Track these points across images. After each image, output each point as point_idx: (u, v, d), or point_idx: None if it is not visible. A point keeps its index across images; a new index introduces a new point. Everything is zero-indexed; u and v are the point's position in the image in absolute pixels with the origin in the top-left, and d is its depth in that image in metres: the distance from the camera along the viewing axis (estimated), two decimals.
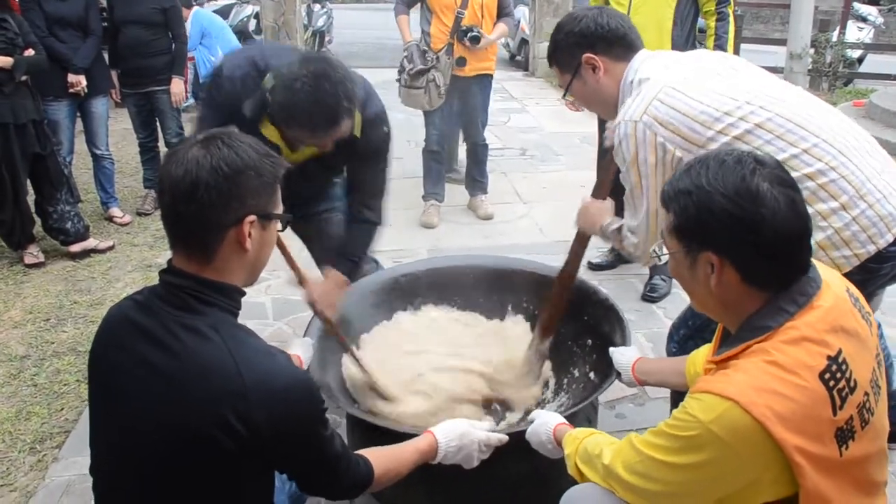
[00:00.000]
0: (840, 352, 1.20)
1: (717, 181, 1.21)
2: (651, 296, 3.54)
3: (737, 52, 8.92)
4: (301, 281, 2.17)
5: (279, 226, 1.33)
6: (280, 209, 1.31)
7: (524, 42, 10.35)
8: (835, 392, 1.17)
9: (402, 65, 4.27)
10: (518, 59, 10.79)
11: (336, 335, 2.21)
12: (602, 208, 2.12)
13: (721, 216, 1.20)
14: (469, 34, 4.11)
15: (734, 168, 1.21)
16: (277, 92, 1.91)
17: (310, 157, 2.23)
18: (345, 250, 2.38)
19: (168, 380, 1.18)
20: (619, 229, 2.03)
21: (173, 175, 1.19)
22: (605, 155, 2.18)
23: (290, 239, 2.69)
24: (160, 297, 1.25)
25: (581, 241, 2.20)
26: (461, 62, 4.20)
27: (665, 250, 1.34)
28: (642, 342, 3.11)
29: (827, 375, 1.17)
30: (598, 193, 2.17)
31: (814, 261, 1.30)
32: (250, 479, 1.26)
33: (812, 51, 8.48)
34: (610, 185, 2.16)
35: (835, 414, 1.17)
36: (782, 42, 8.93)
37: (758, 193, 1.18)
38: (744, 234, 1.19)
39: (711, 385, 1.19)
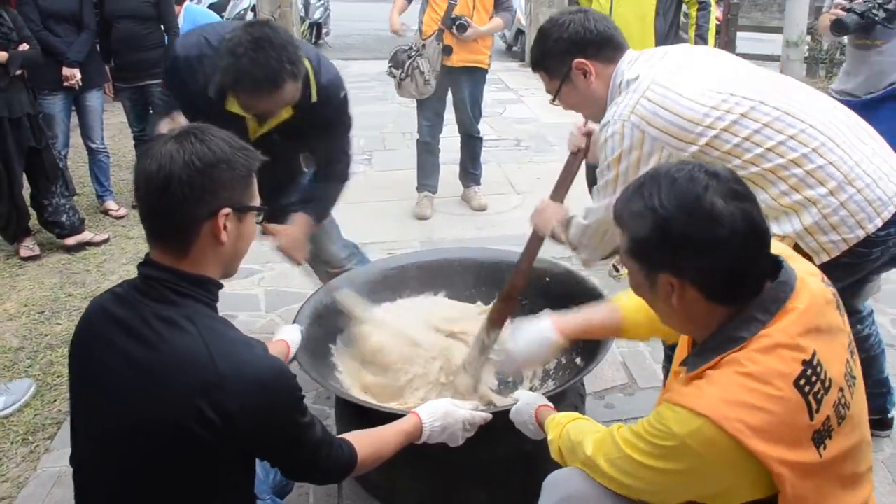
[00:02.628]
0: (814, 354, 1.18)
1: (670, 202, 1.17)
2: None
3: (733, 40, 8.95)
4: (265, 230, 2.24)
5: (258, 217, 1.35)
6: (257, 201, 1.32)
7: (520, 33, 10.33)
8: (810, 397, 1.15)
9: (391, 72, 4.28)
10: (515, 50, 10.78)
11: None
12: (558, 211, 2.11)
13: (677, 239, 1.16)
14: (457, 22, 4.11)
15: (687, 186, 1.17)
16: (223, 58, 1.96)
17: (275, 128, 2.27)
18: (311, 198, 2.46)
19: (144, 371, 1.20)
20: (569, 220, 2.03)
21: (148, 170, 1.21)
22: (572, 160, 2.19)
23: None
24: (138, 289, 1.26)
25: (535, 240, 2.20)
26: (447, 50, 4.20)
27: (624, 268, 1.33)
28: None
29: (802, 381, 1.15)
30: (556, 195, 2.17)
31: (788, 256, 1.29)
32: (229, 469, 1.27)
33: (808, 38, 8.45)
34: (569, 188, 2.17)
35: (811, 419, 1.15)
36: (779, 30, 8.90)
37: (712, 212, 1.14)
38: (702, 256, 1.16)
39: (684, 398, 1.17)
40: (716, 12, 9.93)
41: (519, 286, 2.22)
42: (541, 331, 1.82)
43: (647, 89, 1.75)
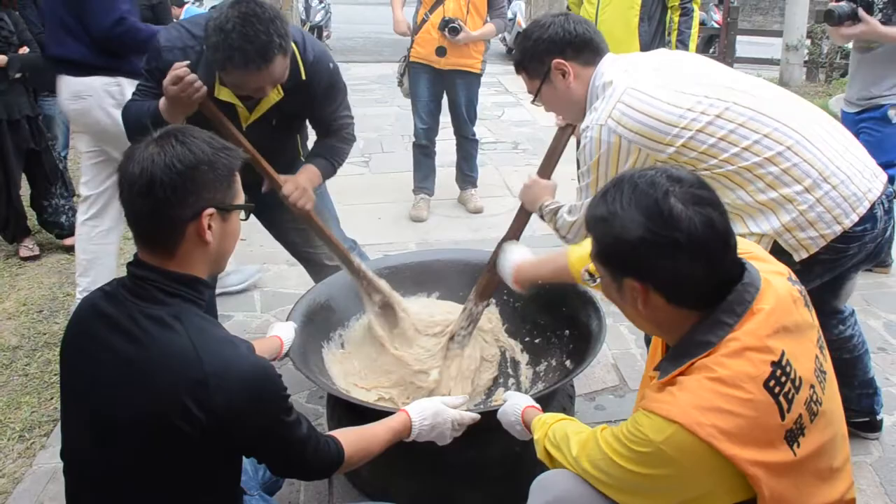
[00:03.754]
0: (783, 354, 1.19)
1: (629, 207, 1.19)
2: None
3: (733, 44, 8.97)
4: (273, 180, 2.27)
5: (242, 215, 1.36)
6: (241, 199, 1.35)
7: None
8: (781, 397, 1.17)
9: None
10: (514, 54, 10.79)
11: (317, 225, 2.37)
12: (545, 187, 2.17)
13: (636, 243, 1.18)
14: (449, 25, 4.15)
15: (647, 192, 1.19)
16: (210, 35, 1.95)
17: (267, 112, 2.27)
18: (320, 152, 2.47)
19: (132, 368, 1.22)
20: (556, 210, 2.07)
21: (130, 173, 1.24)
22: (560, 135, 2.22)
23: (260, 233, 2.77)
24: (127, 287, 1.29)
25: (523, 215, 2.26)
26: (441, 52, 4.24)
27: (595, 271, 1.34)
28: (625, 334, 3.14)
29: (772, 383, 1.17)
30: (543, 172, 2.21)
31: (753, 256, 1.31)
32: (216, 465, 1.30)
33: (808, 42, 8.48)
34: (556, 164, 2.21)
35: (783, 419, 1.17)
36: (779, 34, 8.94)
37: (671, 216, 1.16)
38: (660, 260, 1.18)
39: (657, 405, 1.20)
40: (716, 16, 9.91)
41: None
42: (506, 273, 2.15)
43: (624, 93, 1.80)
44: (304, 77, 2.24)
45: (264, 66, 1.97)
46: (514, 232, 2.28)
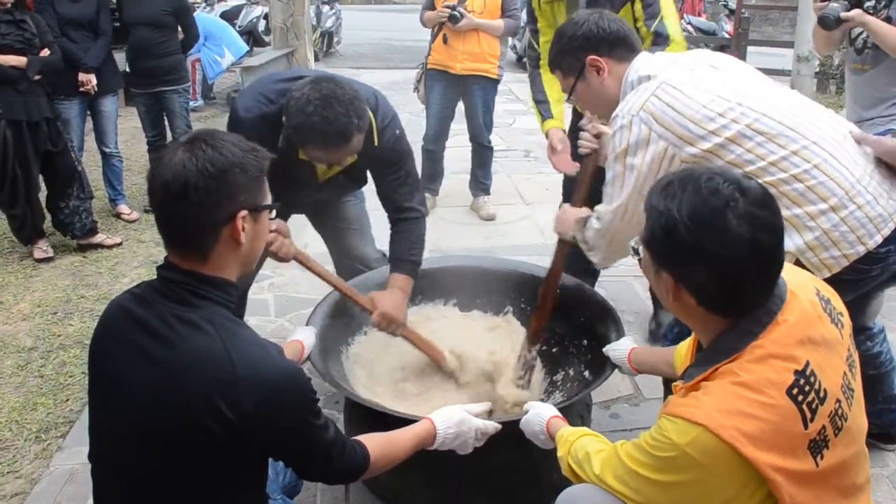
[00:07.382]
0: (808, 364, 1.21)
1: (686, 209, 1.20)
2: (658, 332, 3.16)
3: (744, 55, 8.96)
4: (365, 308, 2.30)
5: (271, 215, 1.38)
6: (269, 199, 1.36)
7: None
8: (804, 406, 1.18)
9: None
10: (525, 62, 10.83)
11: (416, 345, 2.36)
12: (578, 213, 2.15)
13: (680, 246, 1.21)
14: (451, 11, 4.13)
15: (707, 199, 1.19)
16: (292, 116, 2.03)
17: (342, 170, 2.36)
18: (399, 253, 2.45)
19: (163, 369, 1.22)
20: (585, 220, 2.06)
21: (163, 179, 1.24)
22: (587, 163, 2.22)
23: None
24: (157, 290, 1.30)
25: (561, 250, 2.24)
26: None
27: (641, 249, 1.35)
28: (641, 343, 3.12)
29: (795, 391, 1.18)
30: (574, 200, 2.21)
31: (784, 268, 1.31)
32: (243, 467, 1.30)
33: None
34: (587, 191, 2.20)
35: (806, 427, 1.18)
36: (790, 45, 8.92)
37: (724, 232, 1.17)
38: (698, 268, 1.21)
39: (682, 409, 1.21)
40: (726, 26, 9.88)
41: (550, 300, 2.27)
42: (619, 359, 2.05)
43: (658, 88, 1.79)
44: (376, 143, 2.29)
45: (344, 145, 2.05)
46: (555, 272, 2.25)
